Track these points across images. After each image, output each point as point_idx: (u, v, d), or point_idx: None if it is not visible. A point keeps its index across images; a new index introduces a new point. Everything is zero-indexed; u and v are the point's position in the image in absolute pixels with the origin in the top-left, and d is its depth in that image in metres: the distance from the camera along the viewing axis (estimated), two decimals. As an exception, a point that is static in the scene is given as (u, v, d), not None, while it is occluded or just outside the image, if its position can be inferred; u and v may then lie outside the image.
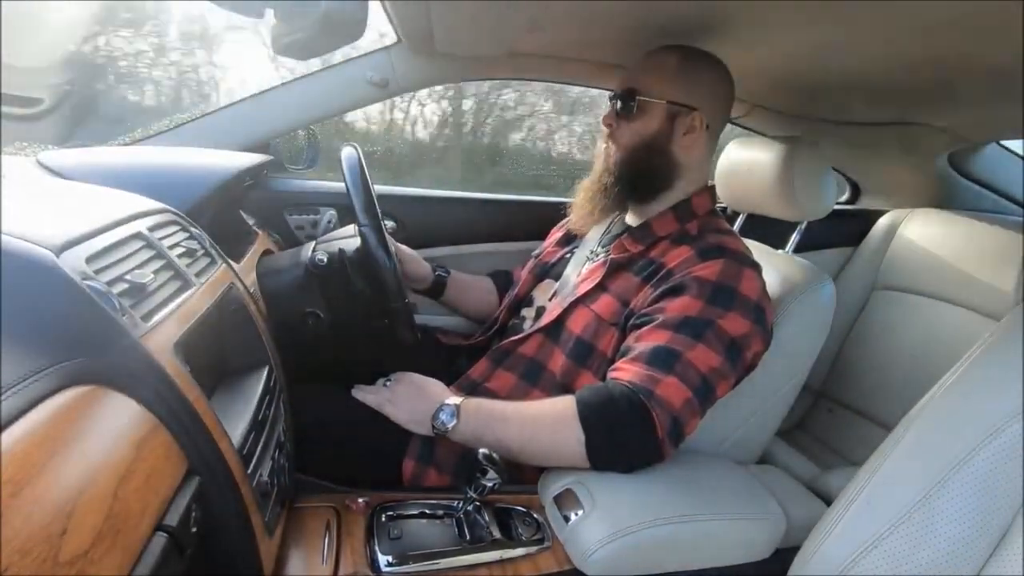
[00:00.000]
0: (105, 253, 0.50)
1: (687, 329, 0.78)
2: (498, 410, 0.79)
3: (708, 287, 0.80)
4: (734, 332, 0.79)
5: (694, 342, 0.77)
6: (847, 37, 0.84)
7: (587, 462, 0.75)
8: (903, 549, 0.52)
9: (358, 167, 0.85)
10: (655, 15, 0.90)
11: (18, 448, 0.31)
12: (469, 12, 0.93)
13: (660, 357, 0.77)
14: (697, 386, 0.76)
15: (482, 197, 1.49)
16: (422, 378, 0.86)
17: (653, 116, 0.90)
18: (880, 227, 1.53)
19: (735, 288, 0.81)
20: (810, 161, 1.02)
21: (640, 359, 0.77)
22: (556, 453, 0.76)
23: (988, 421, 0.51)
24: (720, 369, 0.78)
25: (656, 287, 0.84)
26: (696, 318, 0.78)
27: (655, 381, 0.75)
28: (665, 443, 0.75)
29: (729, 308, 0.80)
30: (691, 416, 0.77)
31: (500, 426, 0.78)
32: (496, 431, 0.77)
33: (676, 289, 0.82)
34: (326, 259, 0.87)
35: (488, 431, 0.78)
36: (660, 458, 0.76)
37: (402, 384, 0.85)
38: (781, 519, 0.77)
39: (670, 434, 0.75)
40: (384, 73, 1.23)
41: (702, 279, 0.81)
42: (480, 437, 0.77)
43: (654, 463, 0.77)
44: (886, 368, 1.38)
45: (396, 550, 0.66)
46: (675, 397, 0.75)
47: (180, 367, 0.48)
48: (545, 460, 0.78)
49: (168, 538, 0.40)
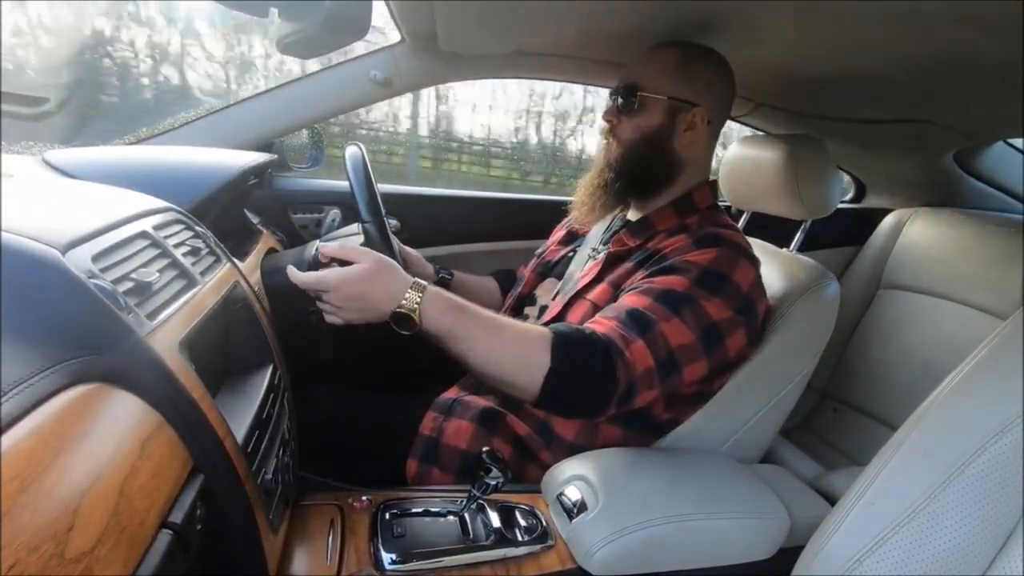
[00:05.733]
0: (110, 251, 0.50)
1: (666, 301, 0.77)
2: (472, 308, 0.74)
3: (698, 269, 0.80)
4: (715, 316, 0.78)
5: (671, 315, 0.76)
6: (852, 34, 0.84)
7: (536, 394, 0.72)
8: (907, 549, 0.52)
9: (362, 166, 0.86)
10: (660, 13, 0.89)
11: (24, 445, 0.31)
12: (473, 11, 0.93)
13: (634, 319, 0.76)
14: (662, 358, 0.75)
15: (485, 196, 1.49)
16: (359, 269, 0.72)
17: (654, 112, 0.89)
18: (885, 226, 1.52)
19: (726, 275, 0.80)
20: (815, 159, 1.02)
21: (616, 318, 0.77)
22: (514, 373, 0.72)
23: (994, 421, 0.51)
24: (690, 348, 0.77)
25: (648, 268, 0.84)
26: (679, 292, 0.78)
27: (627, 342, 0.74)
28: (613, 405, 0.74)
29: (716, 293, 0.79)
30: (646, 387, 0.76)
31: (471, 325, 0.72)
32: (468, 329, 0.71)
33: (667, 268, 0.81)
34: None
35: (459, 328, 0.71)
36: (599, 415, 0.76)
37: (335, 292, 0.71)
38: (785, 518, 0.76)
39: (620, 397, 0.74)
40: (388, 72, 1.23)
41: (693, 262, 0.80)
42: (450, 332, 0.71)
43: (592, 418, 0.77)
44: (891, 368, 1.38)
45: (400, 548, 0.66)
46: (639, 363, 0.74)
47: (185, 365, 0.48)
48: (500, 376, 0.73)
49: (173, 536, 0.40)
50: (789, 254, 1.06)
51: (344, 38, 1.00)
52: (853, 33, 0.83)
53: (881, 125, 1.34)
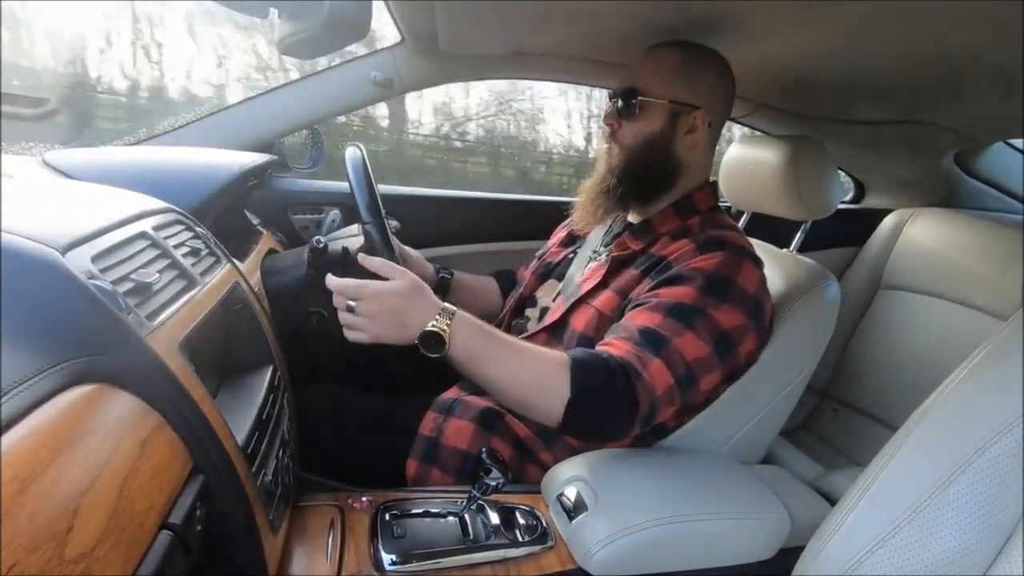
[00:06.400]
0: (110, 252, 0.50)
1: (678, 315, 0.77)
2: (496, 334, 0.75)
3: (704, 277, 0.80)
4: (726, 324, 0.79)
5: (683, 329, 0.76)
6: (852, 35, 0.84)
7: (558, 420, 0.72)
8: (908, 550, 0.52)
9: (362, 166, 0.86)
10: (660, 13, 0.89)
11: (24, 445, 0.31)
12: (473, 12, 0.93)
13: (648, 338, 0.76)
14: (680, 374, 0.76)
15: (485, 197, 1.49)
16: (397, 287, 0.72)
17: (655, 116, 0.89)
18: (885, 226, 1.52)
19: (731, 279, 0.80)
20: (815, 160, 1.02)
21: (630, 339, 0.76)
22: (534, 398, 0.73)
23: (994, 421, 0.51)
24: (706, 360, 0.77)
25: (654, 278, 0.84)
26: (688, 305, 0.78)
27: (643, 362, 0.74)
28: (635, 427, 0.74)
29: (724, 300, 0.79)
30: (668, 404, 0.76)
31: (496, 350, 0.73)
32: (492, 353, 0.73)
33: (672, 279, 0.81)
34: (324, 241, 0.87)
35: (484, 351, 0.72)
36: (624, 438, 0.76)
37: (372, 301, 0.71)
38: (785, 519, 0.76)
39: (643, 418, 0.74)
40: (388, 73, 1.23)
41: (699, 269, 0.80)
42: (474, 356, 0.72)
43: (616, 441, 0.77)
44: (891, 368, 1.38)
45: (400, 549, 0.66)
46: (659, 383, 0.74)
47: (185, 366, 0.48)
48: (520, 400, 0.75)
49: (173, 536, 0.40)
50: (789, 255, 1.06)
51: (344, 39, 1.00)
52: (853, 34, 0.83)
53: (881, 126, 1.34)
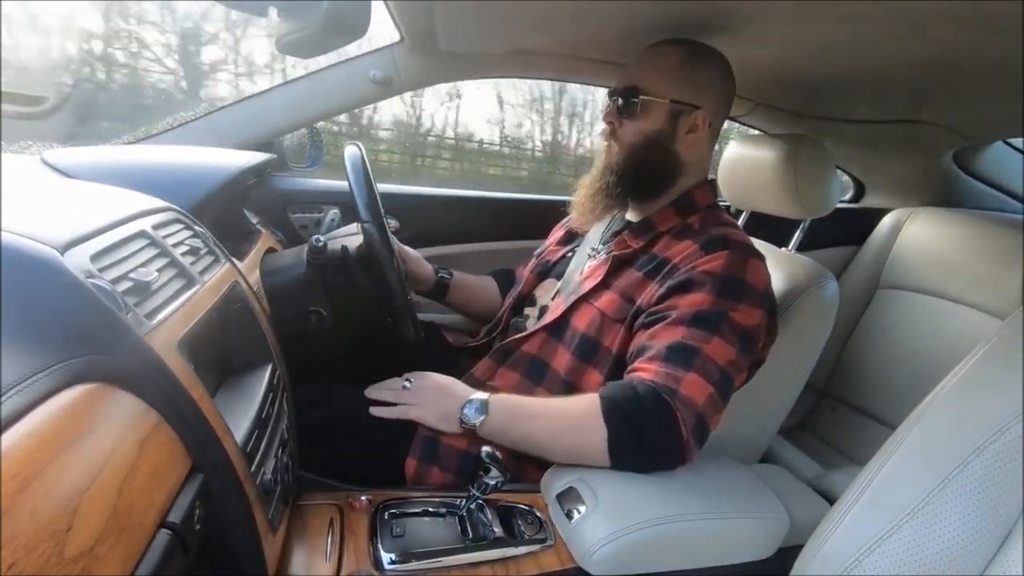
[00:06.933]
0: (109, 251, 0.50)
1: (701, 323, 0.77)
2: (525, 405, 0.80)
3: (716, 280, 0.80)
4: (746, 323, 0.79)
5: (709, 336, 0.77)
6: (851, 34, 0.84)
7: (609, 461, 0.74)
8: (906, 548, 0.52)
9: (361, 165, 0.86)
10: (660, 12, 0.89)
11: (23, 445, 0.31)
12: (473, 10, 0.93)
13: (678, 354, 0.76)
14: (717, 380, 0.76)
15: (484, 196, 1.49)
16: (442, 376, 0.86)
17: (656, 115, 0.89)
18: (884, 226, 1.52)
19: (742, 278, 0.81)
20: (814, 159, 1.02)
21: (658, 357, 0.76)
22: (580, 450, 0.76)
23: (992, 420, 0.51)
24: (736, 362, 0.78)
25: (662, 283, 0.83)
26: (708, 311, 0.78)
27: (677, 379, 0.74)
28: (690, 444, 0.74)
29: (740, 299, 0.80)
30: (714, 412, 0.76)
31: (527, 422, 0.79)
32: (523, 426, 0.78)
33: (684, 285, 0.81)
34: (323, 240, 0.87)
35: (515, 426, 0.79)
36: (684, 459, 0.75)
37: (424, 384, 0.84)
38: (784, 518, 0.76)
39: (695, 433, 0.74)
40: (387, 71, 1.23)
41: (709, 272, 0.81)
42: (507, 432, 0.79)
43: (678, 464, 0.75)
44: (890, 367, 1.38)
45: (399, 548, 0.66)
46: (698, 394, 0.74)
47: (184, 365, 0.48)
48: (569, 457, 0.78)
49: (172, 535, 0.40)
50: (788, 253, 1.06)
51: (343, 38, 1.00)
52: (853, 33, 0.83)
53: (880, 125, 1.34)
